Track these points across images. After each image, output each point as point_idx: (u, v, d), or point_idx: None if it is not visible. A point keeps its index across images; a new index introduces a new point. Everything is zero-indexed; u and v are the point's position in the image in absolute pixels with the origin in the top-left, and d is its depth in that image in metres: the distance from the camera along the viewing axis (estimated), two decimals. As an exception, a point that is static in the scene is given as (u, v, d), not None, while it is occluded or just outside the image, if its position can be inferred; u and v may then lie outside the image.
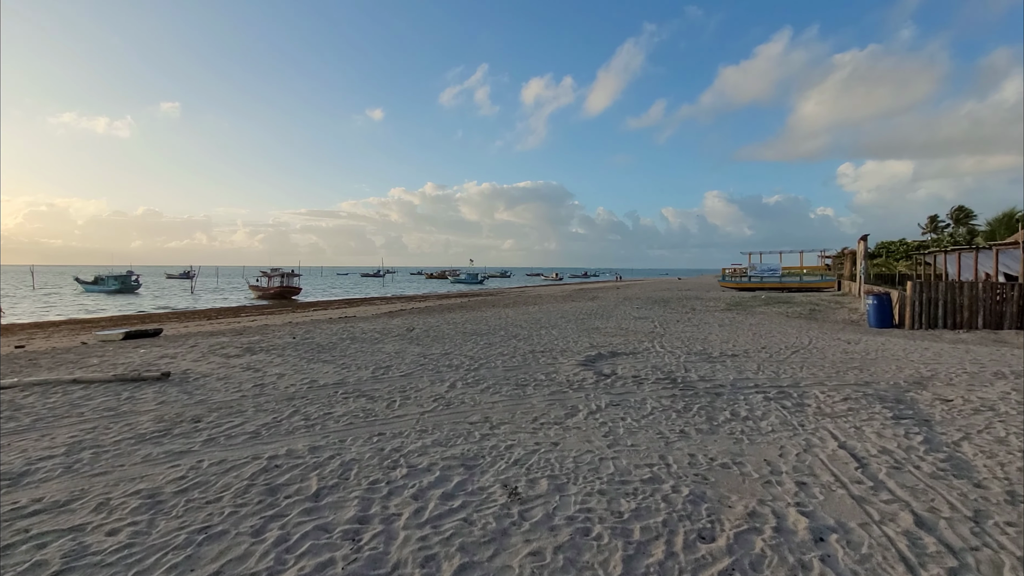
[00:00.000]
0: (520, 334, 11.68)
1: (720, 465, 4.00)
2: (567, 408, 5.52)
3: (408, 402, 5.73)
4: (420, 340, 10.60)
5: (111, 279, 50.44)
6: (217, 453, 4.17)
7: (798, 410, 5.49)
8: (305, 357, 8.50)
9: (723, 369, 7.61)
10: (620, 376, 7.10)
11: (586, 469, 3.89)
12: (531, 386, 6.52)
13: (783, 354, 9.04)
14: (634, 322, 14.45)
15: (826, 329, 13.42)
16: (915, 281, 14.18)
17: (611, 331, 12.32)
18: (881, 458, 4.15)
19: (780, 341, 10.75)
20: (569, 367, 7.71)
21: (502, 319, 15.45)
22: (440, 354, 8.85)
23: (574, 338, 11.00)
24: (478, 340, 10.61)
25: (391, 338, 10.89)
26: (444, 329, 12.59)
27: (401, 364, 7.92)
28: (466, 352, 9.07)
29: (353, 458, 4.05)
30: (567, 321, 14.68)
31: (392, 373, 7.26)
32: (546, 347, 9.72)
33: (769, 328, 13.23)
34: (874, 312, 14.46)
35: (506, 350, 9.32)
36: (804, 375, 7.26)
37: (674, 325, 13.76)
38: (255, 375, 7.13)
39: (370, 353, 8.95)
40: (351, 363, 7.96)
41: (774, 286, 31.10)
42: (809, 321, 15.50)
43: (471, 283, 73.91)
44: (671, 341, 10.59)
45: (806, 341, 10.75)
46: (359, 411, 5.37)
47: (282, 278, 45.20)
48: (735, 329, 12.86)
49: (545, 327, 13.11)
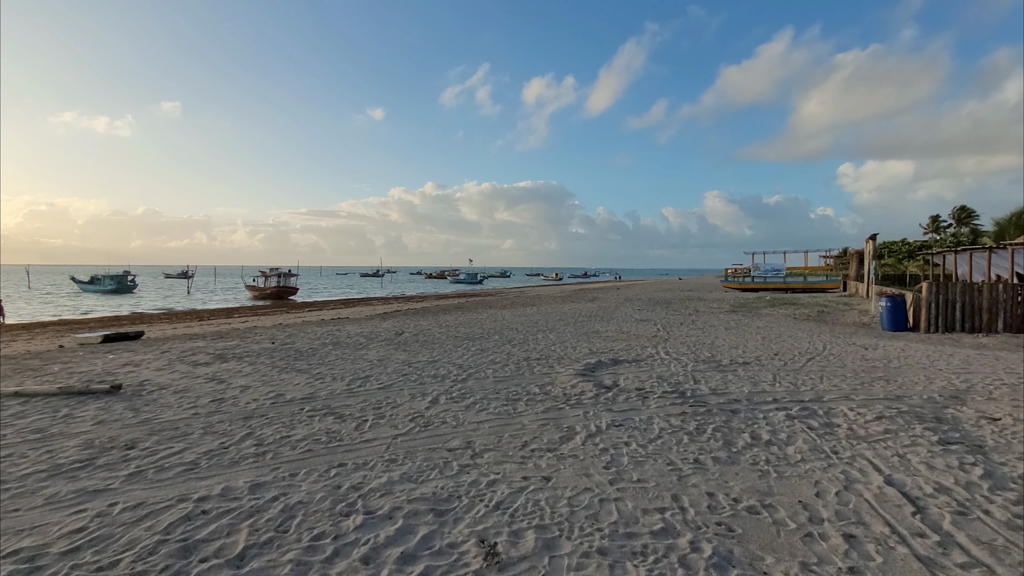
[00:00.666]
0: (515, 339, 10.95)
1: (746, 509, 3.26)
2: (562, 430, 4.78)
3: (381, 422, 5.00)
4: (407, 345, 9.87)
5: (107, 279, 49.74)
6: (138, 492, 3.44)
7: (827, 432, 4.75)
8: (278, 366, 7.76)
9: (736, 380, 6.87)
10: (622, 388, 6.36)
11: (583, 516, 3.16)
12: (523, 401, 5.79)
13: (798, 362, 8.31)
14: (636, 325, 13.71)
15: (838, 333, 12.68)
16: (931, 282, 13.43)
17: (612, 335, 11.58)
18: (940, 499, 3.42)
19: (792, 347, 10.01)
20: (566, 377, 6.97)
21: (498, 322, 14.72)
22: (426, 362, 8.12)
23: (572, 343, 10.26)
24: (470, 346, 9.88)
25: (377, 343, 10.16)
26: (435, 333, 11.86)
27: (382, 374, 7.18)
28: (455, 360, 8.33)
29: (300, 500, 3.32)
30: (566, 324, 13.94)
31: (370, 385, 6.53)
32: (542, 353, 8.98)
33: (778, 332, 12.50)
34: (888, 314, 13.72)
35: (499, 357, 8.59)
36: (826, 387, 6.52)
37: (678, 328, 13.03)
38: (217, 387, 6.40)
39: (351, 361, 8.22)
40: (327, 373, 7.23)
41: (778, 287, 30.34)
42: (819, 324, 14.76)
43: (470, 283, 73.17)
44: (676, 346, 9.86)
45: (820, 347, 10.01)
46: (322, 434, 4.64)
47: (279, 278, 44.49)
48: (742, 333, 12.12)
49: (542, 331, 12.38)
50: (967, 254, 20.55)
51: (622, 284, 55.48)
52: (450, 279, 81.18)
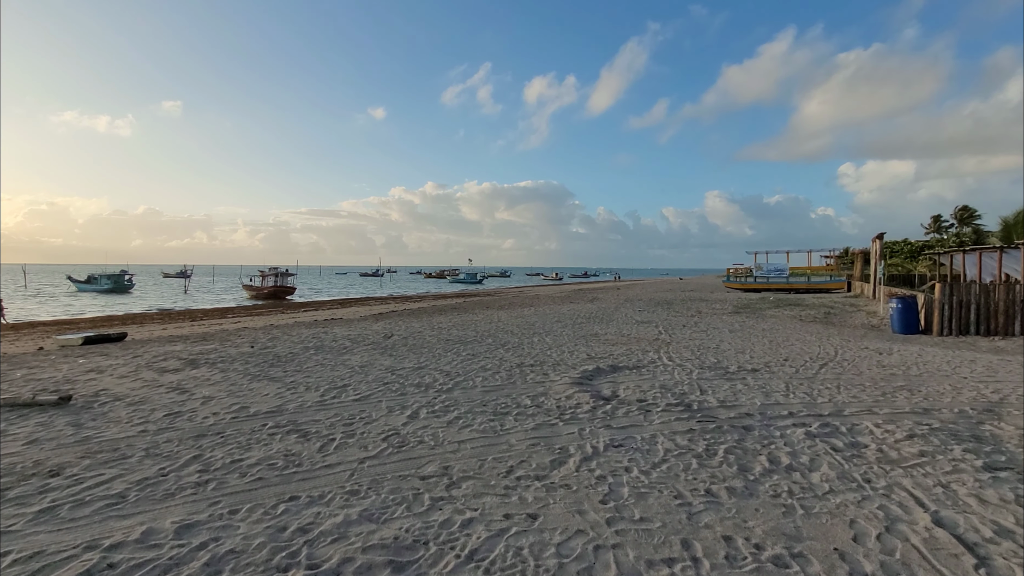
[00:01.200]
0: (510, 342, 10.36)
1: (772, 560, 2.68)
2: (554, 452, 4.20)
3: (350, 442, 4.41)
4: (394, 350, 9.28)
5: (104, 278, 49.20)
6: (42, 536, 2.86)
7: (855, 455, 4.16)
8: (251, 373, 7.18)
9: (746, 390, 6.29)
10: (622, 400, 5.78)
11: (574, 571, 2.58)
12: (512, 415, 5.20)
13: (811, 368, 7.72)
14: (636, 327, 13.13)
15: (847, 336, 12.09)
16: (944, 283, 12.84)
17: (611, 338, 11.00)
18: (1003, 545, 2.83)
19: (802, 351, 9.43)
20: (561, 387, 6.39)
21: (493, 323, 14.14)
22: (412, 368, 7.53)
23: (570, 347, 9.68)
24: (460, 350, 9.29)
25: (363, 347, 9.57)
26: (426, 336, 11.28)
27: (361, 383, 6.59)
28: (443, 366, 7.74)
29: (233, 548, 2.74)
30: (563, 326, 13.36)
31: (346, 396, 5.94)
32: (537, 359, 8.40)
33: (785, 335, 11.91)
34: (898, 316, 13.13)
35: (490, 363, 8.00)
36: (845, 398, 5.93)
37: (680, 331, 12.44)
38: (177, 399, 5.81)
39: (331, 367, 7.63)
40: (302, 381, 6.64)
41: (781, 287, 29.71)
42: (826, 326, 14.17)
43: (470, 283, 72.60)
44: (679, 351, 9.27)
45: (831, 351, 9.42)
46: (280, 457, 4.05)
47: (276, 278, 43.95)
48: (748, 336, 11.54)
49: (539, 333, 11.79)
50: (976, 254, 19.94)
51: (622, 284, 54.87)
52: (449, 279, 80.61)
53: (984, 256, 19.27)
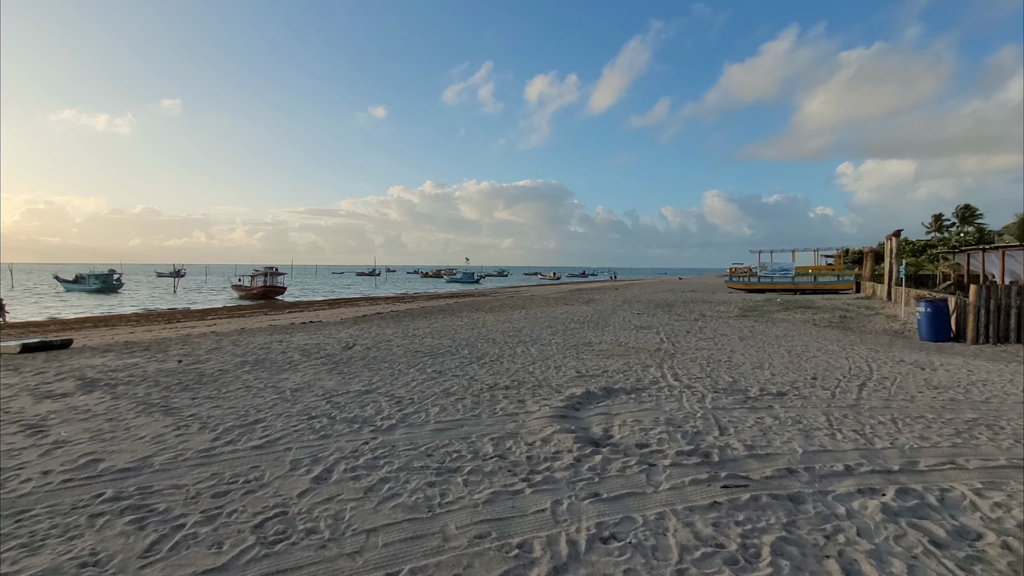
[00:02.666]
0: (488, 354, 8.85)
1: None
2: (509, 553, 2.69)
3: (202, 532, 2.89)
4: (348, 365, 7.75)
5: (92, 278, 47.71)
6: None
7: (975, 558, 2.66)
8: (149, 402, 5.64)
9: (777, 427, 4.77)
10: (617, 445, 4.27)
11: None
12: (463, 473, 3.69)
13: (848, 391, 6.22)
14: (635, 334, 11.62)
15: (872, 344, 10.59)
16: (980, 285, 11.34)
17: (606, 348, 9.49)
18: None
19: (829, 365, 7.92)
20: (539, 422, 4.88)
21: (476, 329, 12.62)
22: (356, 393, 6.01)
23: (557, 360, 8.17)
24: (427, 365, 7.78)
25: (312, 361, 8.04)
26: (394, 345, 9.75)
27: (281, 417, 5.06)
28: (396, 389, 6.22)
29: None
30: (553, 332, 11.85)
31: (248, 439, 4.42)
32: (515, 378, 6.89)
33: (803, 343, 10.41)
34: (927, 322, 11.63)
35: (457, 384, 6.49)
36: (911, 440, 4.43)
37: (684, 338, 10.94)
38: (18, 444, 4.28)
39: (256, 391, 6.11)
40: (205, 415, 5.11)
41: (787, 287, 28.14)
42: (844, 332, 12.66)
43: (467, 282, 71.08)
44: (685, 365, 7.77)
45: (863, 365, 7.92)
46: (73, 568, 2.54)
47: (265, 278, 42.48)
48: (761, 345, 10.03)
49: (524, 342, 10.28)
50: (998, 252, 18.44)
51: (620, 284, 53.31)
52: (446, 278, 79.05)
53: (1008, 255, 17.77)
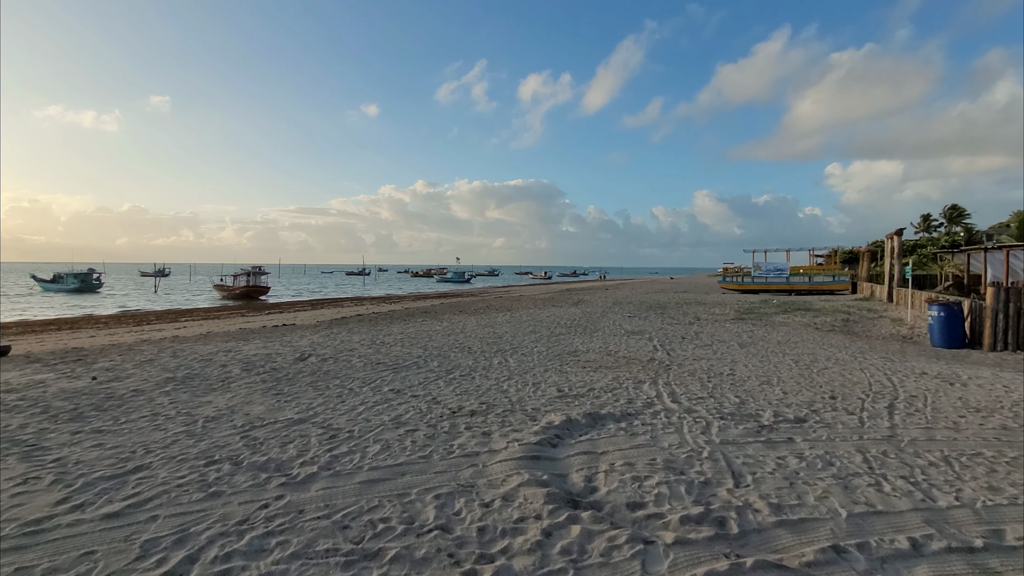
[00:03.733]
0: (459, 366, 7.74)
1: None
2: None
3: None
4: (291, 383, 6.61)
5: (70, 277, 46.00)
6: None
7: None
8: (14, 437, 4.47)
9: (806, 472, 3.71)
10: (602, 507, 3.19)
11: None
12: (379, 566, 2.59)
13: (876, 413, 5.19)
14: (626, 340, 10.56)
15: (884, 351, 9.61)
16: (997, 287, 10.40)
17: (594, 358, 8.43)
18: None
19: (844, 378, 6.91)
20: (503, 468, 3.78)
21: (453, 335, 11.51)
22: (286, 423, 4.88)
23: (537, 375, 7.09)
24: (384, 382, 6.65)
25: (252, 377, 6.89)
26: (356, 356, 8.60)
27: (173, 460, 3.92)
28: (337, 418, 5.09)
29: None
30: (537, 339, 10.76)
31: (111, 499, 3.28)
32: (485, 399, 5.79)
33: (810, 351, 9.41)
34: (941, 327, 10.67)
35: (412, 409, 5.38)
36: (979, 492, 3.38)
37: (680, 346, 9.90)
38: None
39: (162, 421, 4.94)
40: (76, 457, 3.95)
41: (781, 288, 27.23)
42: (850, 337, 11.69)
43: (457, 282, 69.83)
44: (684, 381, 6.71)
45: (883, 379, 6.92)
46: None
47: (248, 277, 41.06)
48: (764, 353, 9.01)
49: (503, 351, 9.18)
50: (1002, 252, 17.59)
51: (610, 284, 52.30)
52: (437, 278, 77.71)
53: (1014, 255, 16.92)
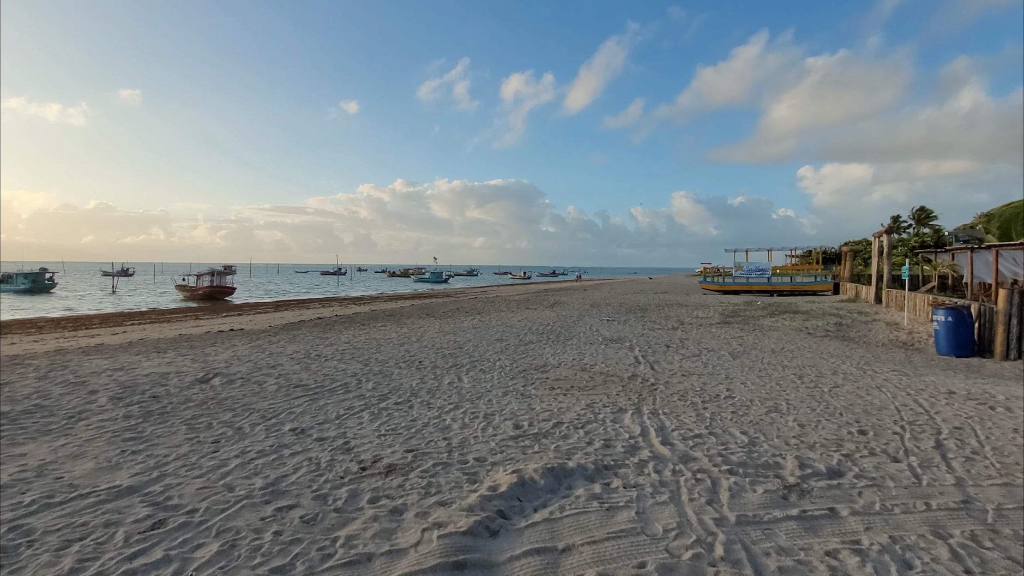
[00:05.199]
0: (400, 389, 6.23)
1: None
2: None
3: None
4: (161, 421, 4.97)
5: (20, 277, 42.94)
6: None
7: None
8: None
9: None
10: None
11: None
12: None
13: (928, 459, 3.88)
14: (604, 351, 9.18)
15: (888, 361, 8.43)
16: (1011, 290, 9.32)
17: (566, 375, 7.01)
18: None
19: (863, 400, 5.61)
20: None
21: (407, 344, 9.97)
22: (105, 495, 3.31)
23: (494, 401, 5.63)
24: (289, 417, 5.10)
25: (117, 409, 5.23)
26: (274, 375, 6.99)
27: None
28: (188, 484, 3.53)
29: None
30: (503, 349, 9.30)
31: None
32: (415, 444, 4.30)
33: (811, 361, 8.15)
34: (948, 333, 9.55)
35: (307, 465, 3.85)
36: None
37: (665, 356, 8.56)
38: None
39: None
40: None
41: (763, 288, 26.31)
42: (847, 344, 10.53)
43: (435, 282, 68.00)
44: (675, 408, 5.33)
45: (907, 400, 5.65)
46: None
47: (212, 277, 38.74)
48: (761, 364, 7.71)
49: (458, 366, 7.70)
50: (991, 252, 16.78)
51: (588, 284, 51.12)
52: (414, 278, 75.67)
53: (1004, 254, 16.10)
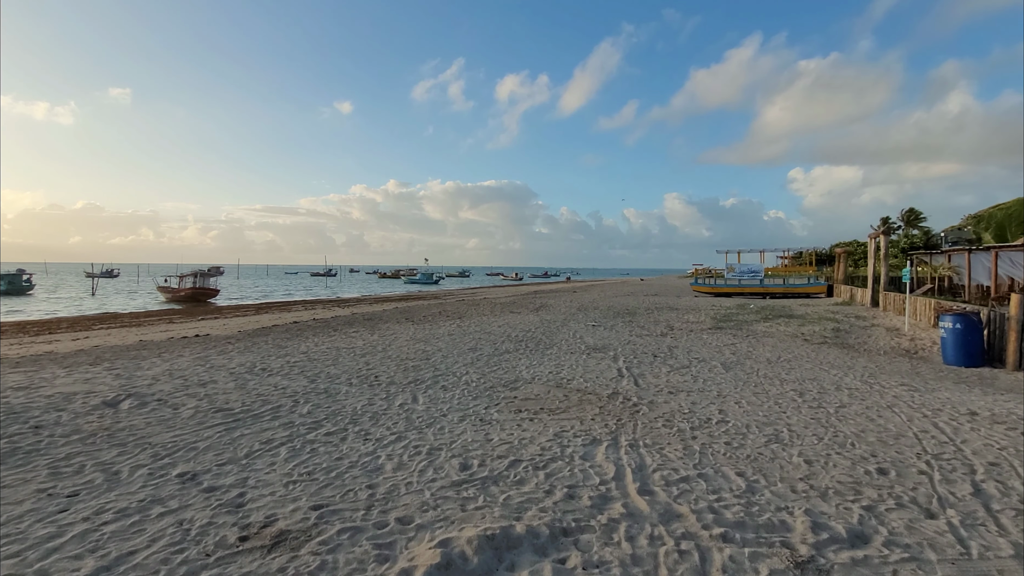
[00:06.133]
0: (339, 413, 5.32)
1: None
2: None
3: None
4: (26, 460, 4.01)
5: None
6: None
7: None
8: None
9: None
10: None
11: None
12: None
13: (970, 513, 3.04)
14: (584, 361, 8.32)
15: (894, 372, 7.64)
16: None
17: (538, 394, 6.13)
18: None
19: (876, 426, 4.78)
20: None
21: (369, 355, 9.04)
22: None
23: (447, 428, 4.74)
24: (185, 457, 4.17)
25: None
26: (196, 399, 6.04)
27: None
28: None
29: None
30: (474, 359, 8.42)
31: None
32: (328, 496, 3.40)
33: (811, 373, 7.33)
34: (957, 341, 8.77)
35: (169, 536, 2.93)
36: None
37: (651, 369, 7.71)
38: None
39: None
40: None
41: (755, 291, 25.58)
42: (847, 352, 9.73)
43: (425, 283, 66.98)
44: (658, 437, 4.46)
45: (928, 425, 4.82)
46: None
47: (195, 278, 37.60)
48: (756, 378, 6.87)
49: (418, 381, 6.80)
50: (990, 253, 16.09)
51: (578, 286, 50.25)
52: (405, 279, 74.55)
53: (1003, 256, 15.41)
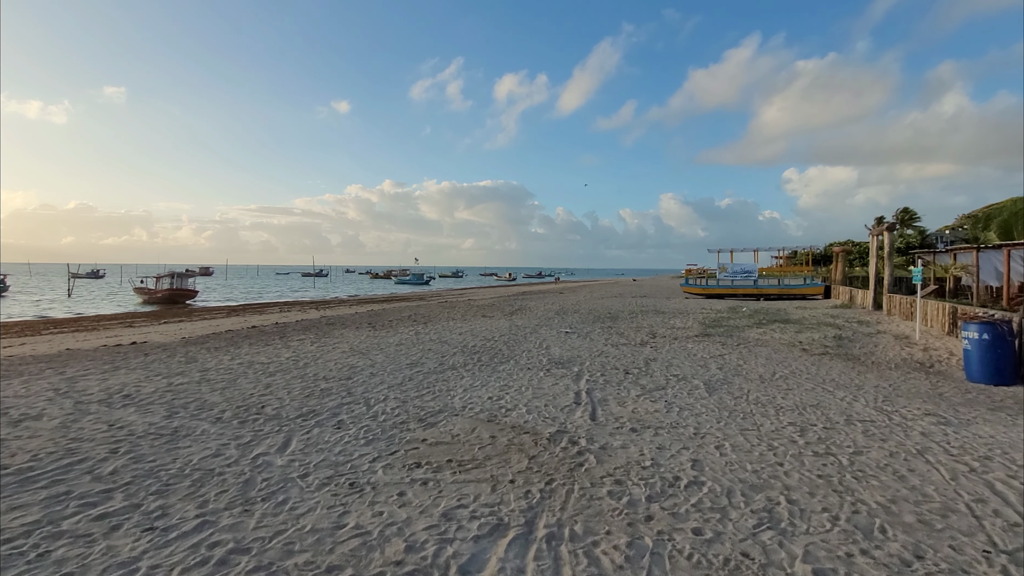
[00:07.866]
0: (153, 473, 3.79)
1: None
2: None
3: None
4: None
5: (-32, 280, 39.94)
6: None
7: None
8: None
9: None
10: None
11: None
12: None
13: None
14: (540, 381, 6.80)
15: (912, 395, 6.14)
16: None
17: (457, 434, 4.62)
18: None
19: (906, 488, 3.26)
20: None
21: (280, 375, 7.49)
22: None
23: (279, 514, 3.24)
24: None
25: None
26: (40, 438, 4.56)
27: None
28: None
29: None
30: (406, 380, 6.88)
31: None
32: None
33: (813, 397, 5.81)
34: (983, 354, 7.23)
35: None
36: None
37: (617, 393, 6.18)
38: None
39: None
40: None
41: (749, 292, 24.06)
42: (853, 366, 8.22)
43: (416, 284, 65.41)
44: (596, 521, 2.94)
45: (982, 488, 3.31)
46: None
47: (172, 279, 36.04)
48: (746, 407, 5.36)
49: (309, 416, 5.26)
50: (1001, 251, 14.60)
51: (567, 286, 48.70)
52: (396, 279, 72.91)
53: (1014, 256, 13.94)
